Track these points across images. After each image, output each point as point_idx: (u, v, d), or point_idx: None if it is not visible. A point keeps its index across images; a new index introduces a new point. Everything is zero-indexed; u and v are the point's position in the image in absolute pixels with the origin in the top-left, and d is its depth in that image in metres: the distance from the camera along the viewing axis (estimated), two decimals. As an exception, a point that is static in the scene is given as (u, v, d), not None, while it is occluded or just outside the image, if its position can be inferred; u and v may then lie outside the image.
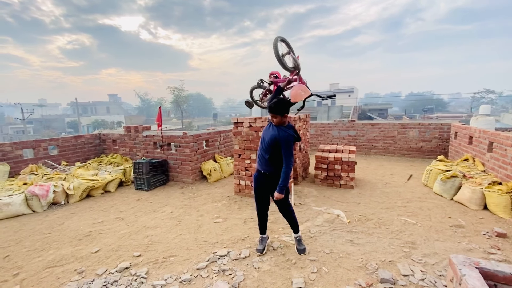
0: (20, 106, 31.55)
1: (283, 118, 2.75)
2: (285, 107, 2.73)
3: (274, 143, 2.72)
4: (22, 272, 2.88)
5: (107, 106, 59.91)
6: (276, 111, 2.70)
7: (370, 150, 8.79)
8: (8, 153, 5.73)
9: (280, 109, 2.70)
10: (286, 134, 2.71)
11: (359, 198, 4.82)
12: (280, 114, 2.71)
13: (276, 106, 2.70)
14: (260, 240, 3.15)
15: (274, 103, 2.73)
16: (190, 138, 6.03)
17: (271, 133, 2.76)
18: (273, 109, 2.71)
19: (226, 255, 3.01)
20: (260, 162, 2.93)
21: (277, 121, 2.75)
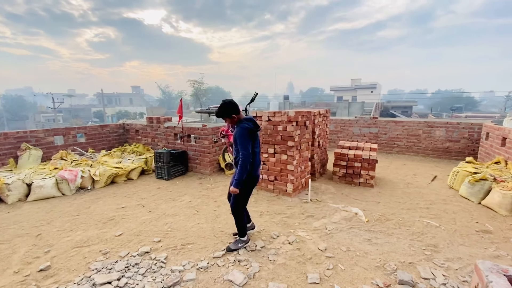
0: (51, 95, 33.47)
1: (233, 119, 2.79)
2: (227, 110, 2.74)
3: (234, 140, 2.80)
4: (53, 250, 3.09)
5: (130, 97, 62.05)
6: (223, 115, 2.77)
7: (392, 148, 8.48)
8: (41, 139, 6.12)
9: (223, 113, 2.75)
10: (238, 127, 2.77)
11: (378, 197, 4.69)
12: (228, 116, 2.76)
13: (219, 111, 2.76)
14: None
15: (218, 109, 2.78)
16: (209, 130, 6.12)
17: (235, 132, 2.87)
18: (219, 114, 2.79)
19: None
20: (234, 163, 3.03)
21: (230, 123, 2.87)
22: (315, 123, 5.36)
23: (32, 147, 5.82)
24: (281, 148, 4.62)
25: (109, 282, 2.42)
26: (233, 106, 2.74)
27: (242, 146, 2.66)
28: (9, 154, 5.64)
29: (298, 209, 4.13)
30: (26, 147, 5.72)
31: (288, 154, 4.54)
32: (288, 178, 4.60)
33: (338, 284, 2.44)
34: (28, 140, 5.91)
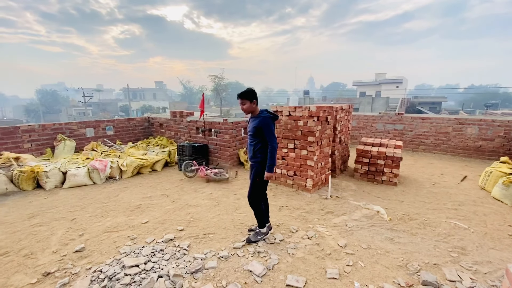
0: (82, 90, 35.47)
1: (252, 105, 2.84)
2: (253, 94, 2.84)
3: (257, 131, 2.84)
4: (86, 233, 3.34)
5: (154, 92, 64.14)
6: (247, 97, 2.81)
7: (418, 146, 8.12)
8: (74, 131, 6.55)
9: (250, 95, 2.81)
10: (261, 117, 2.83)
11: (402, 196, 4.54)
12: (250, 100, 2.81)
13: (246, 92, 2.82)
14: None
15: (244, 91, 2.84)
16: (229, 125, 6.21)
17: (252, 124, 2.90)
18: (244, 95, 2.81)
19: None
20: (248, 152, 3.02)
21: (246, 107, 2.84)
22: (337, 119, 5.26)
23: (66, 138, 6.25)
24: (301, 144, 4.59)
25: (136, 265, 2.58)
26: (255, 93, 2.87)
27: (271, 133, 2.80)
28: (46, 144, 6.11)
29: (318, 205, 4.11)
30: (61, 138, 6.15)
31: (309, 149, 4.51)
32: (308, 174, 4.57)
33: (358, 281, 2.42)
34: (63, 131, 6.35)
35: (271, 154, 2.79)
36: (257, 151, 2.88)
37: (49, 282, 2.45)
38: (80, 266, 2.66)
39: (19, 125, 5.80)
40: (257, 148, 2.87)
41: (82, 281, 2.40)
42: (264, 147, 2.87)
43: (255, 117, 2.89)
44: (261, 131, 2.81)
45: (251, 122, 2.93)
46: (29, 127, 5.89)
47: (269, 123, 2.80)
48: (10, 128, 5.61)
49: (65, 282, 2.42)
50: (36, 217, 3.80)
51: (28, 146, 5.82)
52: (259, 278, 2.43)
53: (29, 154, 5.65)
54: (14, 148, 5.59)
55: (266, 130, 2.78)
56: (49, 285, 2.41)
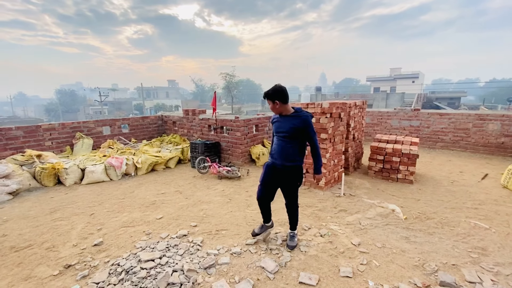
0: (98, 90, 36.57)
1: (286, 106, 2.58)
2: (286, 95, 2.56)
3: (295, 131, 2.57)
4: (104, 228, 3.45)
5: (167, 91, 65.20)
6: (280, 98, 2.52)
7: (435, 143, 7.85)
8: (92, 129, 6.77)
9: (283, 96, 2.53)
10: (304, 116, 2.57)
11: (418, 194, 4.42)
12: (284, 101, 2.55)
13: (281, 92, 2.52)
14: (261, 226, 3.02)
15: (277, 90, 2.52)
16: (241, 123, 6.23)
17: (288, 124, 2.58)
18: (277, 95, 2.52)
19: (274, 236, 3.12)
20: (281, 155, 2.66)
21: (280, 109, 2.59)
22: (350, 115, 5.17)
23: (84, 136, 6.47)
24: (314, 141, 4.54)
25: (152, 260, 2.64)
26: (287, 92, 2.60)
27: (315, 133, 2.65)
28: (66, 142, 6.35)
29: (330, 203, 4.06)
30: (80, 136, 6.37)
31: (321, 146, 4.45)
32: (321, 171, 4.52)
33: (372, 280, 2.38)
34: (81, 130, 6.57)
35: (320, 155, 2.70)
36: (296, 154, 2.65)
37: (70, 274, 2.56)
38: (98, 259, 2.76)
39: (40, 124, 6.06)
40: (296, 150, 2.64)
41: (100, 274, 2.49)
42: (302, 149, 2.67)
43: (291, 116, 2.60)
44: (302, 132, 2.57)
45: (284, 121, 2.62)
46: (49, 125, 6.14)
47: (312, 123, 2.62)
48: (33, 127, 5.86)
49: (85, 274, 2.52)
50: (57, 211, 3.97)
51: (49, 144, 6.07)
52: (272, 275, 2.44)
53: (50, 151, 5.89)
54: (36, 146, 5.85)
55: (312, 130, 2.59)
56: (70, 277, 2.52)
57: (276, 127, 2.69)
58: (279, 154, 2.66)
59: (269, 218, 3.00)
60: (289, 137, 2.59)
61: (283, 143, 2.63)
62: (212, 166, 5.52)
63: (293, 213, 2.89)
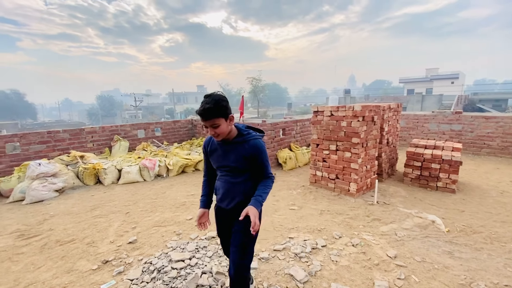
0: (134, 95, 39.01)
1: (229, 124, 1.70)
2: (225, 107, 1.64)
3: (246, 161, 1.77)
4: (138, 226, 3.62)
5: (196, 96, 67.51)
6: (217, 113, 1.61)
7: (480, 149, 7.16)
8: (128, 132, 7.20)
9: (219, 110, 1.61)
10: (253, 140, 1.78)
11: (462, 205, 4.04)
12: (223, 116, 1.64)
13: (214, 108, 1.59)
14: None
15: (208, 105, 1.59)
16: (268, 126, 6.22)
17: (235, 153, 1.78)
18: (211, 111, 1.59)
19: (303, 243, 3.03)
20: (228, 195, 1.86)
21: (223, 130, 1.67)
22: (384, 119, 4.91)
23: (122, 139, 6.90)
24: (344, 145, 4.38)
25: (182, 260, 2.71)
26: (227, 102, 1.67)
27: (268, 163, 1.83)
28: (105, 144, 6.81)
29: (363, 211, 3.86)
30: (117, 139, 6.81)
31: (352, 151, 4.28)
32: (352, 177, 4.34)
33: (411, 297, 2.20)
34: (118, 133, 7.02)
35: (269, 190, 1.81)
36: (249, 190, 1.83)
37: (107, 269, 2.70)
38: (133, 256, 2.89)
39: (83, 127, 6.58)
40: (248, 186, 1.84)
41: (135, 271, 2.60)
42: (255, 184, 1.84)
43: (235, 143, 1.77)
44: (253, 162, 1.78)
45: (225, 150, 1.80)
46: (91, 129, 6.64)
47: (265, 148, 1.82)
48: (77, 130, 6.39)
49: (121, 270, 2.64)
50: (96, 209, 4.25)
51: (90, 146, 6.56)
52: (301, 284, 2.36)
53: (91, 152, 6.36)
54: (79, 147, 6.35)
55: (265, 157, 1.79)
56: (107, 272, 2.66)
57: (215, 160, 1.86)
58: (225, 194, 1.88)
59: None
60: (236, 169, 1.79)
61: (228, 179, 1.85)
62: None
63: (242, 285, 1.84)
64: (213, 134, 1.70)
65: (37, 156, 5.73)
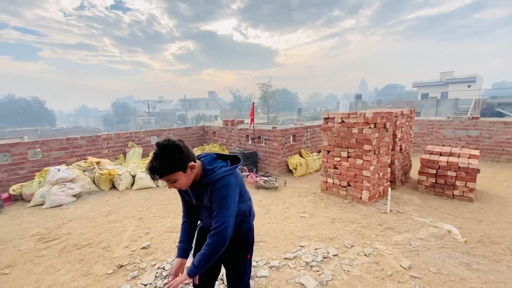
0: (147, 102, 40.01)
1: (190, 172, 1.45)
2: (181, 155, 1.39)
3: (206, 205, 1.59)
4: (151, 232, 3.70)
5: (207, 102, 68.51)
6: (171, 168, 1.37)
7: (499, 156, 6.90)
8: (142, 139, 7.40)
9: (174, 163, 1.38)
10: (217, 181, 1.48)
11: (480, 214, 3.90)
12: (181, 169, 1.40)
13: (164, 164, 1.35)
14: None
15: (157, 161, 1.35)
16: (278, 132, 6.24)
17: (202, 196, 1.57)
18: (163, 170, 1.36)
19: (314, 252, 3.01)
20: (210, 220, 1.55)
21: (185, 182, 1.45)
22: (396, 125, 4.84)
23: (135, 145, 7.09)
24: (356, 152, 4.34)
25: (194, 267, 2.75)
26: (183, 149, 1.40)
27: (229, 212, 1.45)
28: (120, 150, 7.02)
29: (375, 219, 3.80)
30: (131, 145, 7.00)
31: (364, 158, 4.23)
32: (364, 185, 4.28)
33: (426, 310, 2.15)
34: (133, 139, 7.23)
35: (209, 253, 1.43)
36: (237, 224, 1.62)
37: (122, 273, 2.78)
38: (146, 262, 2.96)
39: (100, 134, 6.82)
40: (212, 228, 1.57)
41: (148, 276, 2.66)
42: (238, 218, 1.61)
43: (202, 184, 1.52)
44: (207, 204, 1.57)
45: (199, 195, 1.58)
46: (107, 135, 6.87)
47: (234, 193, 1.50)
48: (94, 137, 6.63)
49: (135, 275, 2.71)
50: (111, 214, 4.38)
51: (106, 152, 6.78)
52: (312, 293, 2.35)
53: (107, 159, 6.57)
54: (96, 153, 6.58)
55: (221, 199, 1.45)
56: (122, 276, 2.73)
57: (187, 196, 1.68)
58: (207, 219, 1.66)
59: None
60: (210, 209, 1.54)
61: (206, 218, 1.67)
62: (250, 175, 5.59)
63: None
64: (173, 187, 1.45)
65: (56, 162, 5.98)
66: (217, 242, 1.42)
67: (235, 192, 1.50)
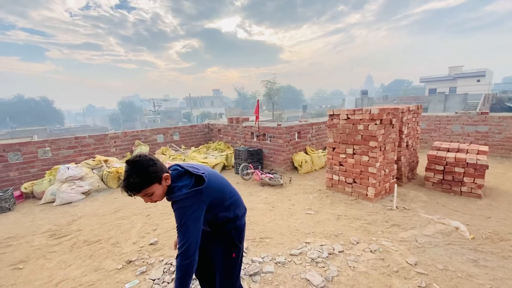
0: (152, 100, 40.31)
1: (164, 183, 1.47)
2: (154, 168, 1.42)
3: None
4: (158, 228, 3.76)
5: (211, 100, 68.70)
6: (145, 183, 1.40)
7: (509, 151, 6.77)
8: (148, 137, 7.49)
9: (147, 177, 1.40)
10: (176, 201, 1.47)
11: (489, 211, 3.85)
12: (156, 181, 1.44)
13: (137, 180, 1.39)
14: None
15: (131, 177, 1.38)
16: (283, 130, 6.24)
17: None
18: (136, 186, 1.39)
19: (320, 248, 3.03)
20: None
21: (158, 195, 1.47)
22: (403, 121, 4.79)
23: (142, 143, 7.18)
24: (362, 149, 4.32)
25: (201, 262, 2.79)
26: (156, 162, 1.46)
27: (188, 230, 1.42)
28: (127, 148, 7.13)
29: (381, 216, 3.79)
30: (138, 144, 7.10)
31: (370, 155, 4.21)
32: (370, 182, 4.27)
33: (432, 306, 2.15)
34: (139, 137, 7.32)
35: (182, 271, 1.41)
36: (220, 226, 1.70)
37: (130, 269, 2.84)
38: (154, 257, 3.02)
39: (107, 133, 6.93)
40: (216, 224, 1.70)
41: (156, 271, 2.72)
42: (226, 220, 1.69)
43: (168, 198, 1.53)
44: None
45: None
46: (114, 134, 6.98)
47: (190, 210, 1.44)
48: (101, 135, 6.74)
49: (143, 270, 2.77)
50: (120, 211, 4.46)
51: (113, 150, 6.89)
52: (318, 289, 2.36)
53: (114, 157, 6.67)
54: (103, 152, 6.69)
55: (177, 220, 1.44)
56: (130, 271, 2.80)
57: None
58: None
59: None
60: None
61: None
62: (255, 173, 5.62)
63: None
64: (149, 201, 1.48)
65: (66, 161, 6.10)
66: (183, 262, 1.40)
67: (195, 211, 1.46)
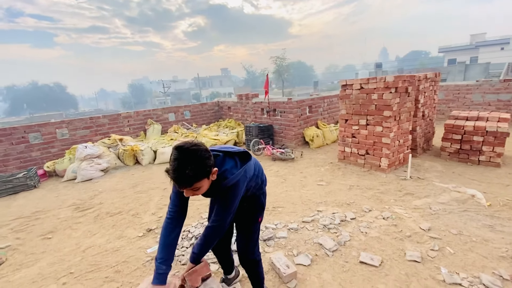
0: (162, 82, 40.33)
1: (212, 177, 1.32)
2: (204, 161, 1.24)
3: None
4: (175, 201, 3.91)
5: (220, 79, 67.90)
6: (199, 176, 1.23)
7: (534, 120, 6.43)
8: (159, 116, 7.58)
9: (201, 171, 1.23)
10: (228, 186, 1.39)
11: (508, 179, 3.75)
12: (206, 176, 1.26)
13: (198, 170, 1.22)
14: (222, 279, 2.11)
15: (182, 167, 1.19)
16: (294, 104, 6.14)
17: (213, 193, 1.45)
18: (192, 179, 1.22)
19: (332, 216, 3.08)
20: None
21: (204, 190, 1.32)
22: (419, 90, 4.59)
23: (154, 122, 7.29)
24: (375, 119, 4.22)
25: (216, 230, 2.91)
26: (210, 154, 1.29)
27: (229, 211, 1.43)
28: (140, 127, 7.26)
29: (394, 186, 3.77)
30: (151, 123, 7.21)
31: (384, 125, 4.11)
32: (383, 152, 4.20)
33: (445, 267, 2.17)
34: (151, 116, 7.42)
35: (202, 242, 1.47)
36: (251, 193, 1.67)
37: (151, 236, 3.01)
38: (172, 226, 3.17)
39: (120, 113, 7.05)
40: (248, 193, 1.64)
41: (175, 238, 2.86)
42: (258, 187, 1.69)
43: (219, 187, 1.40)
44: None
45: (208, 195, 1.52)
46: (127, 114, 7.09)
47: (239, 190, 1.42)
48: (115, 115, 6.87)
49: (163, 237, 2.92)
50: (137, 186, 4.65)
51: (127, 130, 7.04)
52: (330, 252, 2.43)
53: (128, 136, 6.84)
54: (118, 131, 6.85)
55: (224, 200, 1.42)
56: (151, 238, 2.96)
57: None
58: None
59: (229, 268, 2.06)
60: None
61: None
62: (266, 148, 5.64)
63: (252, 270, 1.84)
64: (191, 195, 1.33)
65: (82, 140, 6.31)
66: (211, 235, 1.46)
67: (241, 191, 1.45)
